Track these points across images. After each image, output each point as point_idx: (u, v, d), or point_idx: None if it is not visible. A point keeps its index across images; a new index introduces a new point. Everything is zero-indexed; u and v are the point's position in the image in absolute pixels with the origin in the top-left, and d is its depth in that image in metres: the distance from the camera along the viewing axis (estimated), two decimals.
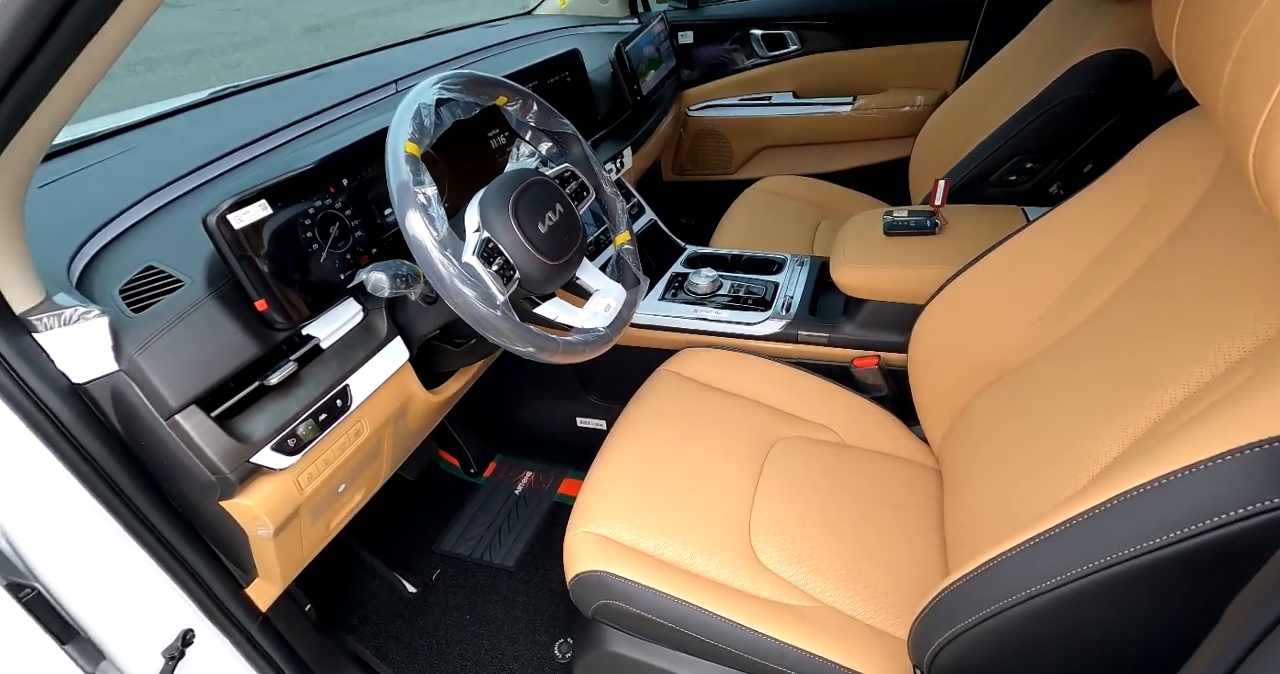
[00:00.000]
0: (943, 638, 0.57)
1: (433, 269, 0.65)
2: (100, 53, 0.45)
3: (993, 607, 0.53)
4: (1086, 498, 0.49)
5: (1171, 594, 0.45)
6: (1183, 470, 0.42)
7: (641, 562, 0.82)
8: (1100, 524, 0.47)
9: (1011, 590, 0.51)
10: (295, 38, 6.25)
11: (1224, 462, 0.41)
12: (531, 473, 1.47)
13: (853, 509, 0.92)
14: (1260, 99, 0.39)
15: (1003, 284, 0.89)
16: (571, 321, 0.82)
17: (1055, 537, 0.50)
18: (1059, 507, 0.51)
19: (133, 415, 0.62)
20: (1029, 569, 0.51)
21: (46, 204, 0.81)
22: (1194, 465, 0.42)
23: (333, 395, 0.76)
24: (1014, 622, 0.52)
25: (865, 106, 1.85)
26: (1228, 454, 0.41)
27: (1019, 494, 0.70)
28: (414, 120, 0.68)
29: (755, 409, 1.06)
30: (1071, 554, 0.48)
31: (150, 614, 0.72)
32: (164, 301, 0.66)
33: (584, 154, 0.90)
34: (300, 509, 0.76)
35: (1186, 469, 0.42)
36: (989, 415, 0.87)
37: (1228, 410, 0.45)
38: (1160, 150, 0.74)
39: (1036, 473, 0.69)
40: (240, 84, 1.21)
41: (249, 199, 0.68)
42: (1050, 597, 0.49)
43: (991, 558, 0.54)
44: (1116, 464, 0.56)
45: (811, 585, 0.83)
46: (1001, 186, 1.28)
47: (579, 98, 1.28)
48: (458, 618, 1.18)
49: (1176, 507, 0.42)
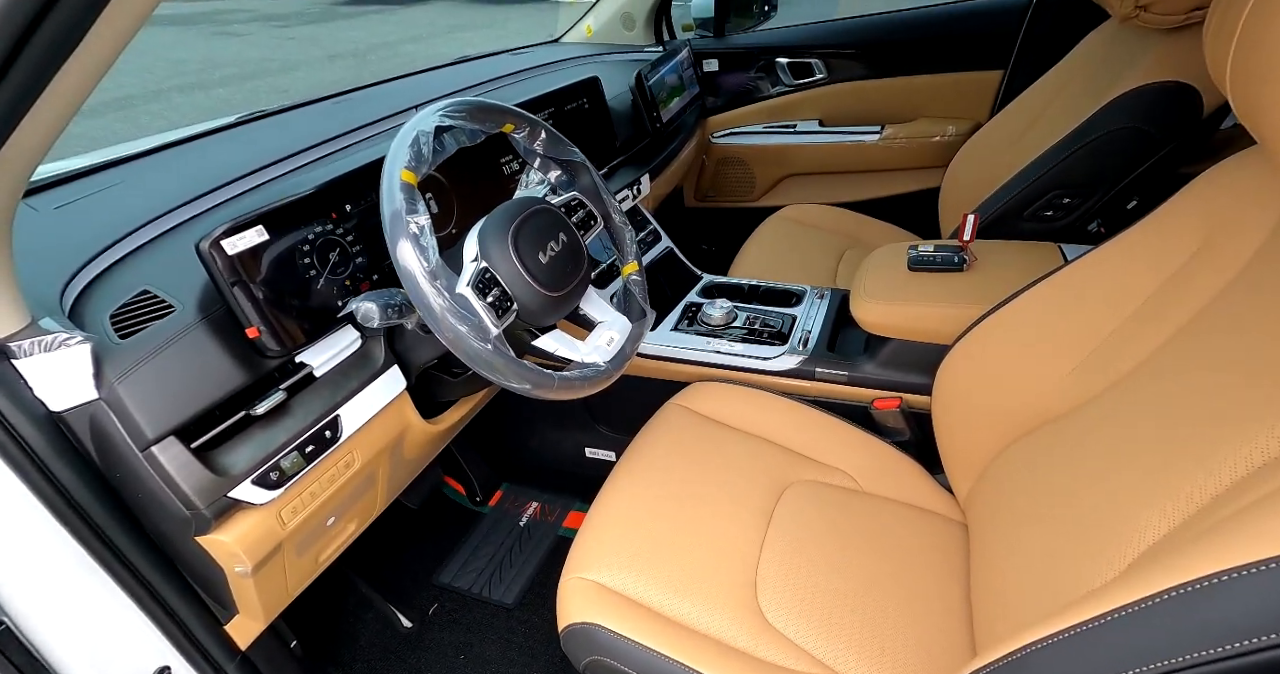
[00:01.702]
0: None
1: (422, 301, 0.63)
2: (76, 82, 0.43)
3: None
4: (1133, 586, 0.43)
5: None
6: (1246, 567, 0.36)
7: (637, 615, 0.77)
8: (1149, 621, 0.41)
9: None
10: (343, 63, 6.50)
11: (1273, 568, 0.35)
12: (538, 504, 1.43)
13: (870, 564, 0.85)
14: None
15: (1036, 328, 0.82)
16: (572, 355, 0.79)
17: (1095, 630, 0.44)
18: (1099, 593, 0.45)
19: (108, 446, 0.60)
20: (1061, 668, 0.45)
21: (59, 226, 0.81)
22: (1259, 563, 0.36)
23: (322, 426, 0.74)
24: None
25: (893, 136, 1.80)
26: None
27: (1054, 566, 0.63)
28: (411, 148, 0.66)
29: (767, 449, 1.01)
30: (1115, 655, 0.42)
31: (125, 651, 0.69)
32: (151, 328, 0.64)
33: (593, 182, 0.87)
34: (283, 544, 0.73)
35: (1251, 567, 0.36)
36: (1021, 470, 0.80)
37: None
38: (1214, 190, 0.68)
39: (1073, 543, 0.62)
40: (267, 109, 1.23)
41: (245, 224, 0.67)
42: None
43: (1020, 647, 0.48)
44: (1166, 545, 0.49)
45: (821, 650, 0.76)
46: (1036, 222, 1.21)
47: (597, 124, 1.27)
48: (452, 658, 1.13)
49: (1240, 610, 0.36)
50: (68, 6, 0.39)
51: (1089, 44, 1.36)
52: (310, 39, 7.98)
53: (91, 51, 0.43)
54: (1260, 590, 0.36)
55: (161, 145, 1.05)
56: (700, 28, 1.95)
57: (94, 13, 0.40)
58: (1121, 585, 0.43)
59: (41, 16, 0.38)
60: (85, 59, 0.43)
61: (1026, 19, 1.62)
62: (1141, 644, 0.40)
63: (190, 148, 1.05)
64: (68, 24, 0.40)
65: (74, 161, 0.99)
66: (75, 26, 0.41)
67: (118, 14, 0.42)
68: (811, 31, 1.89)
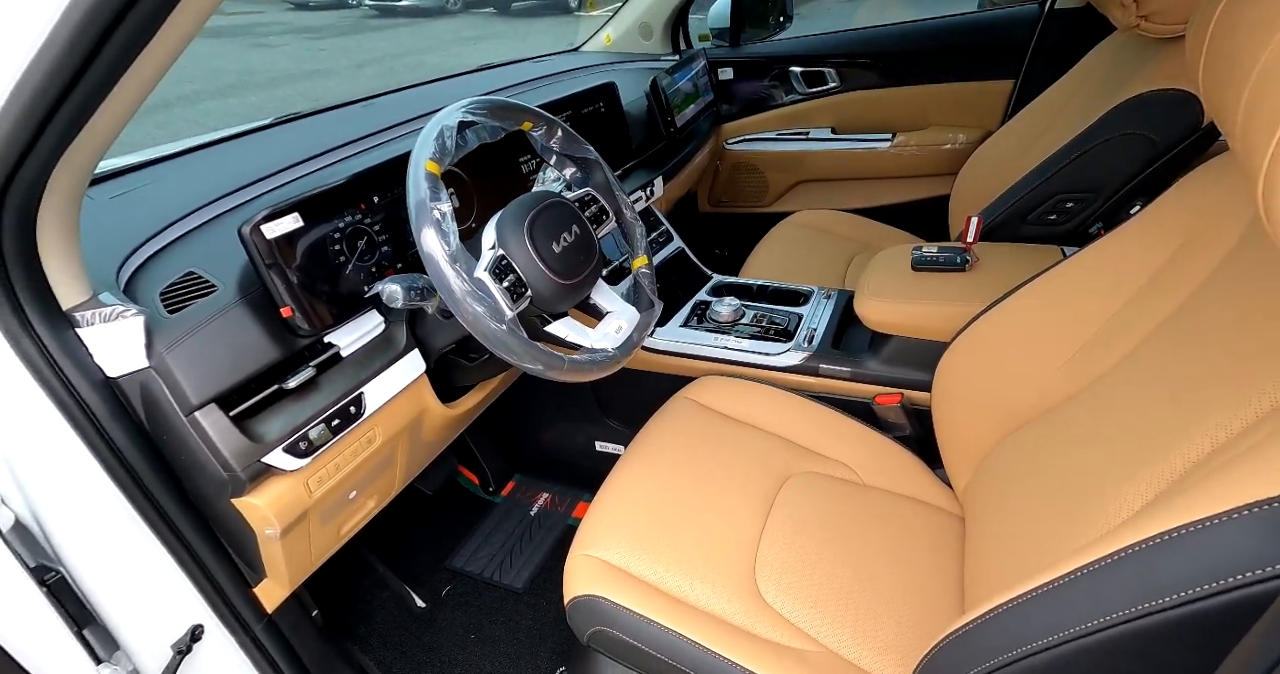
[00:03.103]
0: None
1: (443, 283, 0.68)
2: (149, 69, 0.49)
3: (994, 660, 0.49)
4: (1098, 548, 0.46)
5: (1183, 659, 0.41)
6: (1197, 523, 0.39)
7: (640, 590, 0.81)
8: (1109, 576, 0.44)
9: (1014, 644, 0.48)
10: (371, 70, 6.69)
11: (1237, 518, 0.38)
12: (548, 495, 1.47)
13: (866, 551, 0.88)
14: (1267, 136, 0.37)
15: (1030, 324, 0.85)
16: (582, 341, 0.83)
17: (1062, 587, 0.47)
18: (1071, 555, 0.48)
19: (157, 410, 0.65)
20: (1032, 622, 0.48)
21: (113, 214, 0.87)
22: (1207, 519, 0.39)
23: (347, 402, 0.79)
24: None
25: (905, 143, 1.83)
26: (1243, 509, 0.38)
27: (1039, 542, 0.66)
28: (436, 140, 0.71)
29: (771, 441, 1.04)
30: (1078, 608, 0.45)
31: (162, 607, 0.74)
32: (196, 305, 0.70)
33: (606, 179, 0.92)
34: (309, 512, 0.78)
35: (1201, 523, 0.39)
36: (1016, 460, 0.83)
37: (1245, 464, 0.42)
38: (1195, 191, 0.70)
39: (1059, 520, 0.65)
40: (300, 111, 1.30)
41: (282, 211, 0.72)
42: (1053, 654, 0.46)
43: (996, 606, 0.51)
44: (1135, 516, 0.52)
45: (815, 628, 0.79)
46: (1040, 225, 1.24)
47: (612, 127, 1.32)
48: (462, 637, 1.17)
49: (1189, 562, 0.39)
50: (139, 13, 0.44)
51: (1097, 54, 1.39)
52: (341, 50, 8.22)
53: (155, 54, 0.49)
54: (1202, 545, 0.39)
55: (204, 144, 1.12)
56: (716, 37, 2.01)
57: (160, 18, 0.46)
58: (1092, 548, 0.47)
59: (118, 21, 0.44)
60: (150, 60, 0.49)
61: (1037, 30, 1.65)
62: (1104, 596, 0.43)
63: (230, 146, 1.12)
64: (138, 28, 0.45)
65: (121, 159, 1.06)
66: (144, 30, 0.46)
67: (180, 19, 0.47)
68: (825, 41, 1.93)
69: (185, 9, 0.46)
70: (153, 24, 0.46)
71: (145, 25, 0.45)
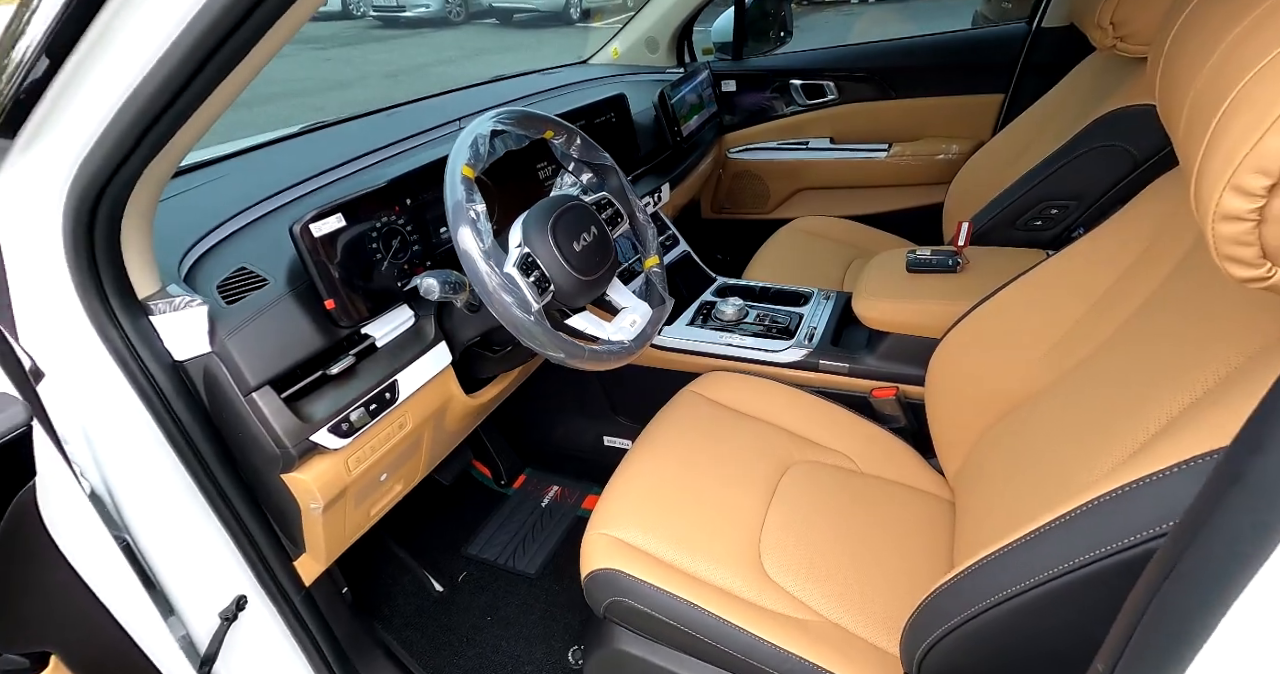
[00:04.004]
0: (930, 639, 0.60)
1: (477, 276, 0.74)
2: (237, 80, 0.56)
3: (974, 608, 0.56)
4: (1063, 506, 0.53)
5: (1114, 602, 0.48)
6: (1131, 484, 0.46)
7: (653, 565, 0.87)
8: (1067, 531, 0.51)
9: (991, 592, 0.55)
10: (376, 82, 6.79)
11: (1160, 478, 0.45)
12: (558, 488, 1.53)
13: (863, 533, 0.94)
14: (1196, 147, 0.44)
15: (1014, 319, 0.92)
16: (599, 333, 0.90)
17: (1034, 540, 0.53)
18: (1043, 514, 0.54)
19: (218, 391, 0.72)
20: (1009, 570, 0.54)
21: (168, 213, 0.94)
22: (1140, 480, 0.46)
23: (383, 388, 0.85)
24: (992, 622, 0.55)
25: (900, 153, 1.91)
26: (1165, 471, 0.45)
27: (1019, 512, 0.72)
28: (471, 148, 0.78)
29: (773, 432, 1.10)
30: (1042, 559, 0.51)
31: (211, 577, 0.80)
32: (251, 297, 0.76)
33: (620, 184, 0.99)
34: (347, 490, 0.84)
35: (1133, 483, 0.46)
36: (998, 446, 0.90)
37: (1151, 449, 0.49)
38: (1158, 199, 0.78)
39: (1037, 492, 0.71)
40: (328, 120, 1.37)
41: (328, 212, 0.79)
42: (1024, 599, 0.52)
43: (979, 559, 0.57)
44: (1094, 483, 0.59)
45: (815, 601, 0.85)
46: (1026, 230, 1.31)
47: (622, 136, 1.40)
48: (479, 618, 1.23)
49: (1121, 520, 0.46)
50: (234, 42, 0.51)
51: (1079, 71, 1.47)
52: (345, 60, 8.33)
53: (240, 74, 0.56)
54: (1134, 503, 0.46)
55: (241, 150, 1.19)
56: (719, 51, 2.09)
57: (249, 46, 0.52)
58: (1058, 507, 0.53)
59: (218, 47, 0.50)
60: (233, 81, 0.56)
61: (1025, 47, 1.74)
62: (1062, 548, 0.50)
63: (265, 152, 1.19)
64: (231, 54, 0.52)
65: None
66: (235, 55, 0.53)
67: (263, 47, 0.54)
68: (824, 56, 2.01)
69: (269, 38, 0.52)
70: (242, 51, 0.53)
71: (237, 51, 0.52)
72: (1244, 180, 0.37)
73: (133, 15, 0.49)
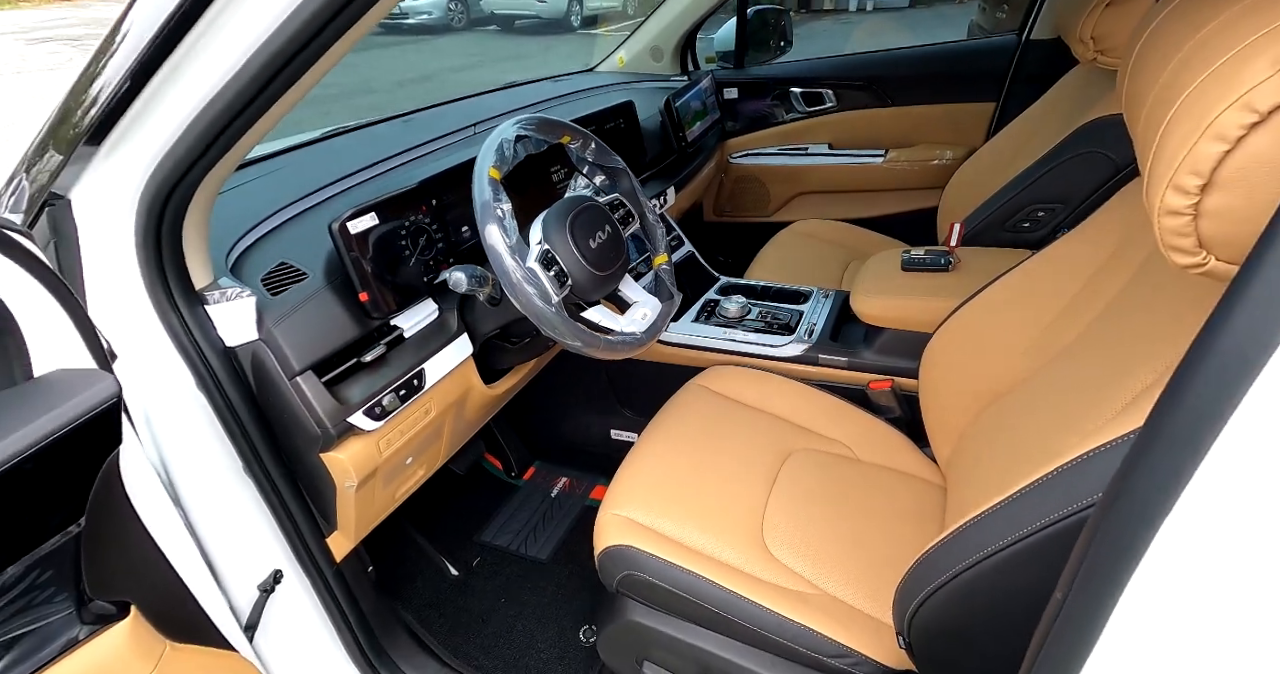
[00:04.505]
0: (919, 598, 0.66)
1: (503, 270, 0.81)
2: (290, 99, 0.62)
3: (957, 566, 0.62)
4: (1036, 472, 0.59)
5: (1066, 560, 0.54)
6: (1081, 457, 0.53)
7: (662, 542, 0.93)
8: (1036, 496, 0.57)
9: (973, 551, 0.61)
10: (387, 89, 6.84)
11: (1101, 451, 0.52)
12: (567, 479, 1.59)
13: (859, 514, 1.00)
14: (1145, 152, 0.50)
15: (999, 315, 0.99)
16: (612, 326, 0.96)
17: (1004, 506, 0.60)
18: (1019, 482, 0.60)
19: (264, 374, 0.78)
20: (983, 534, 0.60)
21: None
22: (1088, 453, 0.52)
23: (411, 376, 0.91)
24: (974, 579, 0.61)
25: (896, 159, 1.98)
26: (1105, 445, 0.52)
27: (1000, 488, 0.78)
28: (497, 151, 0.85)
29: (775, 422, 1.17)
30: (1016, 520, 0.58)
31: (252, 552, 0.86)
32: (292, 289, 0.83)
33: (631, 186, 1.05)
34: (378, 470, 0.90)
35: (1082, 456, 0.52)
36: (985, 432, 0.96)
37: (1119, 417, 0.55)
38: (1128, 202, 0.84)
39: (1015, 470, 0.77)
40: (349, 125, 1.44)
41: (363, 211, 0.86)
42: (1001, 556, 0.58)
43: (958, 526, 0.63)
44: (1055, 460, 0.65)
45: (815, 575, 0.91)
46: (1015, 232, 1.38)
47: (630, 141, 1.46)
48: (494, 600, 1.29)
49: (1075, 486, 0.52)
50: (303, 57, 0.57)
51: (1065, 82, 1.54)
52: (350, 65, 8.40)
53: (304, 84, 0.62)
54: (1077, 475, 0.52)
55: (267, 155, 1.25)
56: (722, 60, 2.16)
57: (315, 58, 0.59)
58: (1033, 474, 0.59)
59: (288, 62, 0.57)
60: (297, 91, 0.62)
61: (1015, 59, 1.81)
62: (1026, 514, 0.56)
63: (294, 155, 1.25)
64: (300, 66, 0.58)
65: None
66: (303, 68, 0.59)
67: (338, 48, 0.60)
68: (823, 65, 2.09)
69: (324, 60, 0.59)
70: (300, 71, 0.59)
71: (296, 72, 0.58)
72: (1182, 180, 0.44)
73: (204, 51, 0.56)
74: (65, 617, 0.55)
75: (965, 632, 0.64)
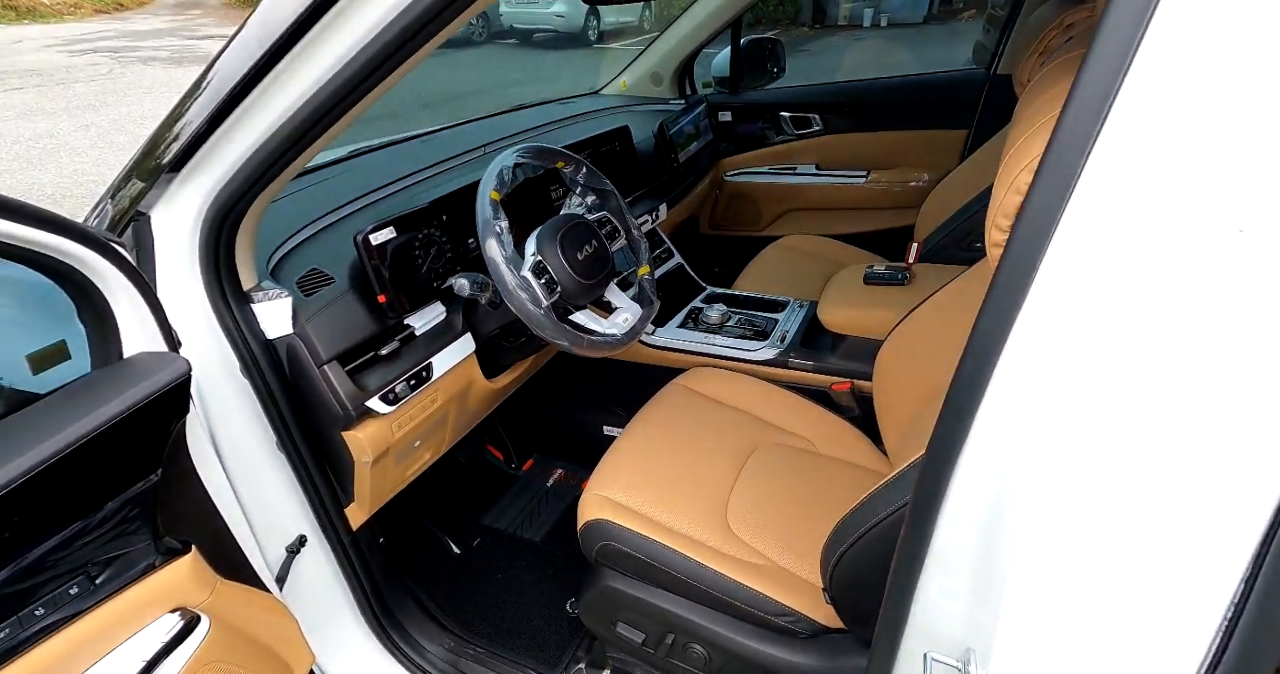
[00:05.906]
0: (836, 554, 0.79)
1: (500, 278, 0.95)
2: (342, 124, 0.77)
3: (862, 527, 0.75)
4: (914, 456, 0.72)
5: None
6: None
7: (637, 518, 1.06)
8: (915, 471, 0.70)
9: (872, 515, 0.74)
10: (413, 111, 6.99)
11: None
12: (562, 471, 1.72)
13: (811, 500, 1.13)
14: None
15: (936, 323, 1.11)
16: (597, 328, 1.10)
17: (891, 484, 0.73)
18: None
19: (298, 363, 0.93)
20: (880, 503, 0.73)
21: None
22: None
23: (420, 368, 1.06)
24: (873, 537, 0.74)
25: (876, 180, 2.12)
26: None
27: None
28: (498, 177, 1.00)
29: (746, 419, 1.30)
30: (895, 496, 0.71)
31: (281, 518, 1.00)
32: (322, 291, 0.97)
33: (619, 206, 1.20)
34: (390, 449, 1.04)
35: None
36: (920, 425, 1.08)
37: None
38: None
39: None
40: (372, 143, 1.60)
41: (383, 225, 1.00)
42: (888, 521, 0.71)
43: (865, 496, 0.76)
44: None
45: (769, 550, 1.04)
46: (969, 251, 1.51)
47: (625, 162, 1.61)
48: (491, 576, 1.42)
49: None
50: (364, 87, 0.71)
51: None
52: None
53: (357, 109, 0.76)
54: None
55: (304, 171, 1.41)
56: (718, 84, 2.32)
57: (364, 95, 0.72)
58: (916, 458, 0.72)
59: (351, 90, 0.70)
60: (350, 116, 0.76)
61: (985, 89, 1.95)
62: (906, 482, 0.69)
63: (324, 172, 1.41)
64: (360, 93, 0.72)
65: None
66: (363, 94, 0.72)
67: (375, 94, 0.74)
68: (811, 91, 2.24)
69: (370, 97, 0.73)
70: (349, 108, 0.73)
71: (345, 109, 0.73)
72: (998, 221, 0.57)
73: (265, 102, 0.70)
74: (145, 546, 0.69)
75: (867, 583, 0.76)
